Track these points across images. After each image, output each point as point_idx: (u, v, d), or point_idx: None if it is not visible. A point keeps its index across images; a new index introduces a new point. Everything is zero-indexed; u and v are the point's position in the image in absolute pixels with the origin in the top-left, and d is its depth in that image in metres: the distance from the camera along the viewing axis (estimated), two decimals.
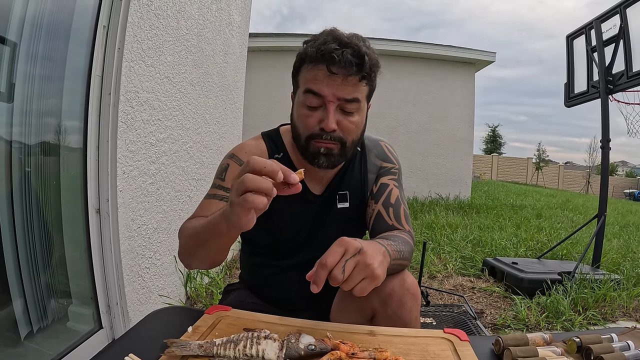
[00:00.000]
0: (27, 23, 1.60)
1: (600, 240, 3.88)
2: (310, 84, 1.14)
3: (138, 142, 2.14)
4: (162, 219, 2.44)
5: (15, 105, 1.58)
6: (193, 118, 2.89)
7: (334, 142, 1.16)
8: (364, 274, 0.86)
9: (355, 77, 1.12)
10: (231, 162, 1.25)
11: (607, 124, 3.92)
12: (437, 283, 3.73)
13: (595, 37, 4.00)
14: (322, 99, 1.13)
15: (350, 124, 1.17)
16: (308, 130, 1.17)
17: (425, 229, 5.91)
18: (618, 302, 3.15)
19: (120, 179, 1.99)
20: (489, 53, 10.02)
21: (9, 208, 1.58)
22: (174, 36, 2.49)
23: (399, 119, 9.83)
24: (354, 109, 1.16)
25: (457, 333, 0.97)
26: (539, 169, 34.78)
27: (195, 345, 0.80)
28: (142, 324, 0.98)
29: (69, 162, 1.90)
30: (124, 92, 1.99)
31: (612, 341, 0.96)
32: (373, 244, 0.97)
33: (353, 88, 1.13)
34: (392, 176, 1.38)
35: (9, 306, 1.58)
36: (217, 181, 1.24)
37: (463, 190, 10.05)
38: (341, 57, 1.09)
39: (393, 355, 0.83)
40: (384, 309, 1.12)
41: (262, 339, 0.80)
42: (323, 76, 1.12)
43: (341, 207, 1.33)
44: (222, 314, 1.00)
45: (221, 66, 3.40)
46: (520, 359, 0.85)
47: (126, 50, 1.98)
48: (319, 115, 1.15)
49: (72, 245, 1.91)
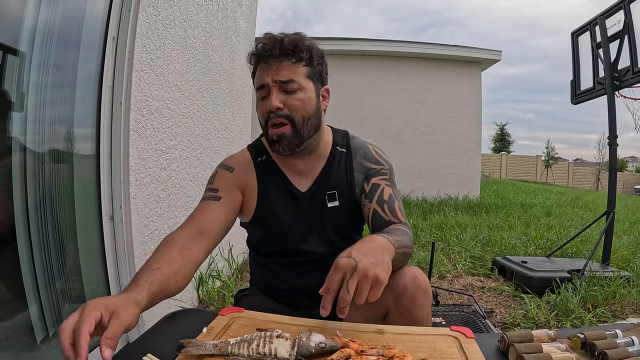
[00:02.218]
0: (38, 34, 1.64)
1: (610, 237, 3.87)
2: (257, 81, 1.28)
3: (149, 149, 2.19)
4: (174, 224, 2.47)
5: (29, 115, 1.63)
6: (202, 124, 2.93)
7: (285, 121, 1.25)
8: (368, 284, 0.95)
9: (288, 60, 1.24)
10: (219, 170, 1.38)
11: (614, 120, 3.91)
12: (447, 283, 3.74)
13: (600, 34, 3.99)
14: (266, 88, 1.25)
15: (295, 101, 1.25)
16: (264, 118, 1.28)
17: (435, 230, 5.90)
18: (628, 299, 3.14)
19: (133, 186, 2.04)
20: (495, 52, 9.99)
21: (24, 215, 1.62)
22: (182, 45, 2.53)
23: (406, 119, 9.83)
24: (294, 88, 1.25)
25: (463, 331, 1.00)
26: (548, 167, 34.51)
27: (211, 345, 0.83)
28: (158, 326, 1.01)
29: (82, 170, 1.94)
30: (134, 101, 2.03)
31: (616, 337, 0.97)
32: (372, 242, 1.06)
33: (288, 71, 1.24)
34: (382, 176, 1.42)
35: (24, 311, 1.62)
36: (207, 186, 1.36)
37: (472, 190, 10.02)
38: (268, 47, 1.22)
39: (401, 353, 0.86)
40: (397, 306, 1.16)
41: (274, 338, 0.83)
42: (262, 69, 1.26)
43: (331, 206, 1.38)
44: (235, 315, 1.03)
45: (229, 72, 3.45)
46: (524, 355, 0.86)
47: (135, 60, 2.03)
48: (267, 102, 1.25)
49: (86, 251, 1.96)
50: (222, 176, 1.36)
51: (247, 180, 1.36)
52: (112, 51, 1.98)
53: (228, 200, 1.31)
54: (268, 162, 1.39)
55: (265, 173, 1.38)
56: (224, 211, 1.29)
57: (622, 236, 5.89)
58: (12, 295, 1.63)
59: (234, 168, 1.37)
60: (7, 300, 1.62)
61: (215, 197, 1.29)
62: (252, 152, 1.42)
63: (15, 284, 1.61)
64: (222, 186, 1.32)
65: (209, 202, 1.28)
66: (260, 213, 1.36)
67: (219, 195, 1.30)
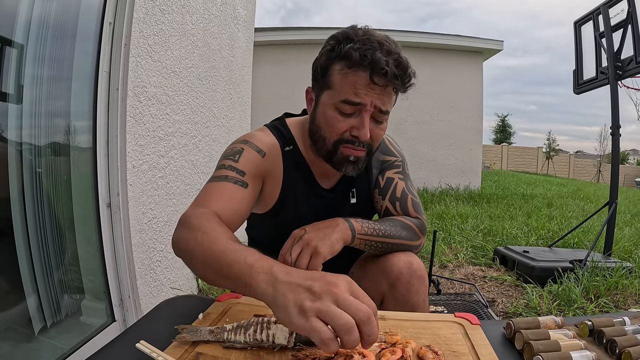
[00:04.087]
0: (34, 21, 1.62)
1: (612, 227, 3.85)
2: (351, 94, 1.08)
3: (147, 136, 2.16)
4: (172, 212, 2.45)
5: (24, 106, 1.61)
6: (201, 112, 2.90)
7: (364, 149, 1.15)
8: (307, 253, 1.03)
9: (393, 87, 1.11)
10: (246, 147, 1.19)
11: (617, 110, 3.88)
12: (448, 272, 3.72)
13: (603, 23, 3.94)
14: (358, 107, 1.10)
15: (380, 132, 1.17)
16: (337, 135, 1.13)
17: (436, 219, 5.88)
18: (630, 290, 3.12)
19: (130, 173, 2.01)
20: (497, 41, 9.93)
21: (21, 203, 1.60)
22: (180, 31, 2.49)
23: (407, 109, 9.78)
24: (384, 119, 1.16)
25: (468, 317, 0.98)
26: (549, 159, 34.51)
27: (206, 331, 0.81)
28: (154, 312, 0.99)
29: (79, 157, 1.91)
30: (131, 87, 2.00)
31: (624, 324, 0.95)
32: (330, 221, 1.13)
33: (388, 98, 1.13)
34: (396, 169, 1.38)
35: (22, 302, 1.61)
36: (227, 162, 1.15)
37: (473, 180, 10.00)
38: (387, 68, 1.05)
39: (404, 339, 0.84)
40: (392, 292, 1.15)
41: (272, 324, 0.80)
42: (363, 84, 1.07)
43: (351, 202, 1.35)
44: (232, 301, 1.01)
45: (228, 60, 3.41)
46: (532, 342, 0.84)
47: (132, 46, 1.99)
48: (351, 122, 1.12)
49: (84, 240, 1.93)
50: (250, 158, 1.17)
51: (274, 170, 1.23)
52: (108, 37, 1.95)
53: (253, 189, 1.15)
54: (295, 154, 1.27)
55: (292, 165, 1.26)
56: (249, 201, 1.14)
57: (624, 228, 5.87)
58: (10, 285, 1.61)
59: (266, 153, 1.20)
60: (5, 290, 1.60)
61: (243, 182, 1.12)
62: (278, 138, 1.27)
63: (12, 274, 1.59)
64: (250, 170, 1.14)
65: (235, 187, 1.10)
66: (280, 207, 1.27)
67: (246, 180, 1.12)
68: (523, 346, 0.86)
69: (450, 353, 0.82)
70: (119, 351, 0.81)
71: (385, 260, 1.19)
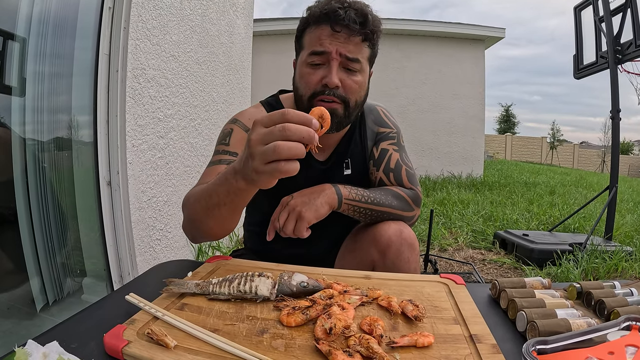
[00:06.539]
0: (35, 10, 1.66)
1: (612, 211, 3.85)
2: (314, 44, 1.15)
3: (146, 117, 2.18)
4: (172, 192, 2.48)
5: (28, 85, 1.65)
6: (200, 96, 2.92)
7: (338, 101, 1.16)
8: (293, 218, 1.08)
9: (358, 36, 1.14)
10: (235, 127, 1.24)
11: (617, 94, 3.87)
12: (448, 255, 3.74)
13: (603, 7, 3.93)
14: (325, 56, 1.14)
15: (354, 83, 1.18)
16: (310, 89, 1.17)
17: (438, 206, 5.89)
18: (630, 273, 3.13)
19: (130, 152, 2.03)
20: (498, 29, 9.87)
21: (24, 181, 1.63)
22: (178, 16, 2.51)
23: (409, 97, 9.76)
24: (356, 68, 1.17)
25: (453, 278, 0.99)
26: (553, 149, 34.32)
27: (193, 284, 0.83)
28: (147, 273, 1.02)
29: (80, 137, 1.95)
30: (130, 69, 2.02)
31: (614, 288, 0.93)
32: (318, 187, 1.16)
33: (356, 47, 1.15)
34: (391, 140, 1.39)
35: (25, 280, 1.65)
36: (220, 147, 1.22)
37: (475, 168, 9.98)
38: (345, 15, 1.11)
39: (385, 295, 0.85)
40: (383, 260, 1.16)
41: (255, 277, 0.82)
42: (327, 35, 1.13)
43: (345, 174, 1.35)
44: (222, 262, 1.04)
45: (227, 46, 3.42)
46: (516, 299, 0.83)
47: (131, 29, 2.02)
48: (321, 73, 1.16)
49: (85, 218, 1.97)
50: (240, 138, 1.21)
51: None
52: (108, 20, 1.97)
53: None
54: None
55: None
56: None
57: (626, 215, 5.86)
58: (13, 264, 1.64)
59: None
60: (7, 268, 1.64)
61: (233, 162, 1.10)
62: (268, 110, 1.29)
63: (15, 252, 1.63)
64: (241, 149, 1.13)
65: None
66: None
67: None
68: (507, 304, 0.86)
69: (432, 308, 0.83)
70: (111, 304, 0.84)
71: (375, 228, 1.20)
